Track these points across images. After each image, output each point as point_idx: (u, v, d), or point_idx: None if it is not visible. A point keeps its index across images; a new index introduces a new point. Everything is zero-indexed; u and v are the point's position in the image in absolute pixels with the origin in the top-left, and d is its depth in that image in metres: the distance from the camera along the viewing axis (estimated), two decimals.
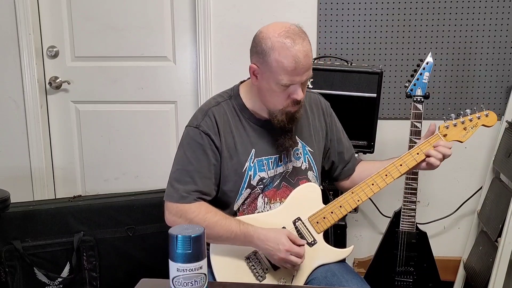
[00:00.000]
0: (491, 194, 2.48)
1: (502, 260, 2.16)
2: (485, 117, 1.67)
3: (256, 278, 1.46)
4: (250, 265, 1.47)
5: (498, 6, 2.45)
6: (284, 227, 1.52)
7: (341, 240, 2.32)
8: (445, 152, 1.58)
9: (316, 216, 1.55)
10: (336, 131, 1.76)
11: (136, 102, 2.70)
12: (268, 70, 1.44)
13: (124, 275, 2.26)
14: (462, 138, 1.66)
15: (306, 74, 1.45)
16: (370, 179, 1.57)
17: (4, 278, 2.15)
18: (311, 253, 1.50)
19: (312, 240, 1.52)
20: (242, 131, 1.57)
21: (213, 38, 2.56)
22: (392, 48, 2.52)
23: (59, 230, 2.22)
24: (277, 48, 1.41)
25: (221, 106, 1.58)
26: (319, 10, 2.50)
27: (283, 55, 1.40)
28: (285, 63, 1.40)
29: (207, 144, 1.52)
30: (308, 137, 1.66)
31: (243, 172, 1.55)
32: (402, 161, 1.59)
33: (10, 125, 2.67)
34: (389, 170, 1.57)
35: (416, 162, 1.58)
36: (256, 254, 1.49)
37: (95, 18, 2.62)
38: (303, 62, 1.41)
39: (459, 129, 1.65)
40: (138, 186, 2.62)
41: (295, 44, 1.40)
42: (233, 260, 1.47)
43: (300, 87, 1.46)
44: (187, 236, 1.02)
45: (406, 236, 2.21)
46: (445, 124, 1.64)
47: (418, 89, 2.07)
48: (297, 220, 1.54)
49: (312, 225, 1.53)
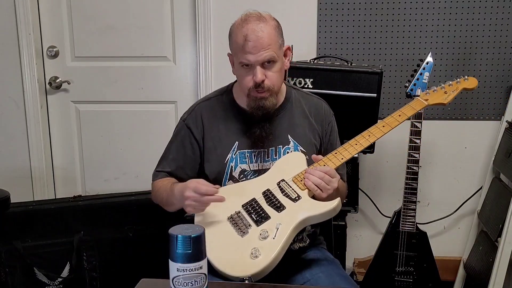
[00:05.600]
0: (491, 194, 2.48)
1: (502, 260, 2.16)
2: (464, 81, 1.77)
3: (238, 234, 1.46)
4: (233, 223, 1.49)
5: (498, 6, 2.46)
6: (268, 188, 1.54)
7: (341, 240, 2.32)
8: (318, 175, 1.48)
9: (300, 175, 1.55)
10: (330, 141, 1.75)
11: (136, 102, 2.71)
12: (233, 53, 1.57)
13: (124, 275, 2.26)
14: (444, 100, 1.73)
15: (262, 53, 1.49)
16: (353, 140, 1.61)
17: (4, 278, 2.15)
18: (295, 208, 1.49)
19: (296, 196, 1.51)
20: (229, 124, 1.64)
21: (213, 38, 2.56)
22: (392, 48, 2.52)
23: (59, 230, 2.22)
24: (234, 29, 1.54)
25: (211, 101, 1.69)
26: (319, 10, 2.50)
27: (236, 34, 1.52)
28: (237, 41, 1.51)
29: (187, 137, 1.66)
30: (302, 137, 1.67)
31: (224, 163, 1.62)
32: (385, 122, 1.64)
33: (10, 125, 2.67)
34: (372, 131, 1.62)
35: (398, 122, 1.63)
36: (238, 213, 1.50)
37: (95, 18, 2.62)
38: (253, 39, 1.48)
39: (439, 93, 1.73)
40: (138, 186, 2.62)
41: (247, 23, 1.50)
42: (216, 219, 1.50)
43: (260, 68, 1.51)
44: (187, 236, 1.02)
45: (406, 236, 2.21)
46: (426, 91, 1.73)
47: (418, 89, 2.07)
48: (281, 182, 1.56)
49: (296, 184, 1.54)
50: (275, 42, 1.52)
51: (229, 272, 1.38)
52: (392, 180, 2.60)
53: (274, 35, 1.52)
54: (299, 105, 1.70)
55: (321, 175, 1.48)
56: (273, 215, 1.48)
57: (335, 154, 1.57)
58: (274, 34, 1.52)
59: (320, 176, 1.48)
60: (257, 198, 1.53)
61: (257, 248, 1.41)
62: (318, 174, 1.48)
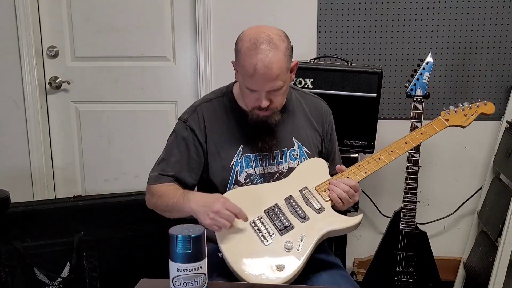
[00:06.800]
0: (491, 194, 2.48)
1: (502, 260, 2.16)
2: (483, 105, 1.80)
3: (261, 242, 1.44)
4: (255, 229, 1.46)
5: (498, 6, 2.45)
6: (291, 195, 1.54)
7: (341, 240, 2.32)
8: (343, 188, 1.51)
9: (323, 185, 1.56)
10: (331, 140, 1.76)
11: (136, 102, 2.71)
12: (239, 71, 1.51)
13: (124, 275, 2.26)
14: (464, 123, 1.77)
15: (270, 85, 1.45)
16: (377, 154, 1.62)
17: (4, 278, 2.15)
18: (319, 219, 1.50)
19: (319, 207, 1.52)
20: (231, 127, 1.61)
21: (213, 38, 2.56)
22: (392, 48, 2.52)
23: (59, 230, 2.22)
24: (243, 53, 1.45)
25: (212, 103, 1.64)
26: (319, 10, 2.50)
27: (245, 61, 1.44)
28: (245, 69, 1.45)
29: (190, 138, 1.60)
30: (305, 139, 1.67)
31: (229, 167, 1.59)
32: (407, 139, 1.67)
33: (10, 125, 2.67)
34: (394, 147, 1.64)
35: (420, 141, 1.69)
36: (261, 219, 1.48)
37: (95, 18, 2.62)
38: (261, 72, 1.42)
39: (459, 115, 1.77)
40: (138, 186, 2.62)
41: (257, 53, 1.42)
42: (238, 224, 1.46)
43: (265, 96, 1.47)
44: (187, 236, 1.03)
45: (406, 236, 2.21)
46: (446, 111, 1.74)
47: (418, 89, 2.07)
48: (304, 189, 1.55)
49: (319, 193, 1.54)
50: (284, 70, 1.46)
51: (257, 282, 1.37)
52: (392, 180, 2.60)
53: (283, 63, 1.45)
54: (300, 106, 1.70)
55: (346, 189, 1.51)
56: (296, 225, 1.48)
57: (358, 167, 1.60)
58: (284, 62, 1.45)
59: (345, 190, 1.51)
60: (279, 204, 1.52)
61: (282, 260, 1.41)
62: (343, 188, 1.51)
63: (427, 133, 1.70)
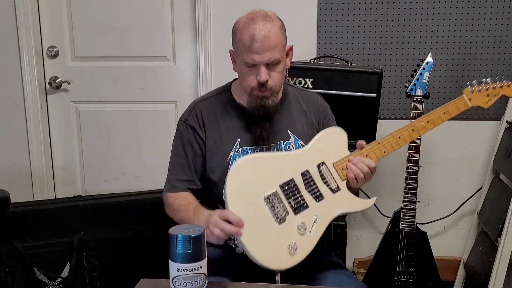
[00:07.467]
0: (491, 194, 2.48)
1: (502, 260, 2.16)
2: (506, 87, 1.69)
3: (275, 220, 1.42)
4: (270, 205, 1.43)
5: (498, 6, 2.46)
6: (308, 170, 1.50)
7: (341, 240, 2.32)
8: (362, 168, 1.49)
9: (342, 162, 1.53)
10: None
11: (136, 102, 2.71)
12: (237, 51, 1.55)
13: (124, 275, 2.26)
14: (485, 104, 1.67)
15: (268, 54, 1.48)
16: (397, 132, 1.57)
17: (4, 278, 2.15)
18: (334, 200, 1.48)
19: (335, 187, 1.49)
20: (229, 122, 1.63)
21: (213, 38, 2.56)
22: (392, 48, 2.52)
23: (59, 230, 2.22)
24: (240, 28, 1.51)
25: (210, 100, 1.67)
26: (319, 10, 2.50)
27: (242, 33, 1.49)
28: (243, 40, 1.48)
29: (192, 137, 1.63)
30: (301, 132, 1.67)
31: (227, 161, 1.59)
32: (429, 118, 1.58)
33: (10, 125, 2.67)
34: (416, 126, 1.58)
35: (442, 120, 1.59)
36: (276, 195, 1.45)
37: (95, 18, 2.62)
38: (259, 39, 1.46)
39: (483, 95, 1.66)
40: (138, 186, 2.62)
41: (254, 23, 1.48)
42: (252, 199, 1.43)
43: (264, 68, 1.49)
44: (187, 236, 1.03)
45: (406, 236, 2.21)
46: (470, 88, 1.65)
47: (418, 89, 2.07)
48: (321, 164, 1.52)
49: (337, 171, 1.51)
50: (280, 43, 1.51)
51: (266, 264, 1.36)
52: (392, 180, 2.60)
53: (279, 36, 1.51)
54: (296, 101, 1.71)
55: (365, 170, 1.49)
56: (311, 205, 1.46)
57: (378, 145, 1.55)
58: (280, 35, 1.51)
59: (364, 170, 1.49)
60: (295, 179, 1.48)
61: (295, 242, 1.39)
62: (362, 168, 1.49)
63: (450, 112, 1.61)
